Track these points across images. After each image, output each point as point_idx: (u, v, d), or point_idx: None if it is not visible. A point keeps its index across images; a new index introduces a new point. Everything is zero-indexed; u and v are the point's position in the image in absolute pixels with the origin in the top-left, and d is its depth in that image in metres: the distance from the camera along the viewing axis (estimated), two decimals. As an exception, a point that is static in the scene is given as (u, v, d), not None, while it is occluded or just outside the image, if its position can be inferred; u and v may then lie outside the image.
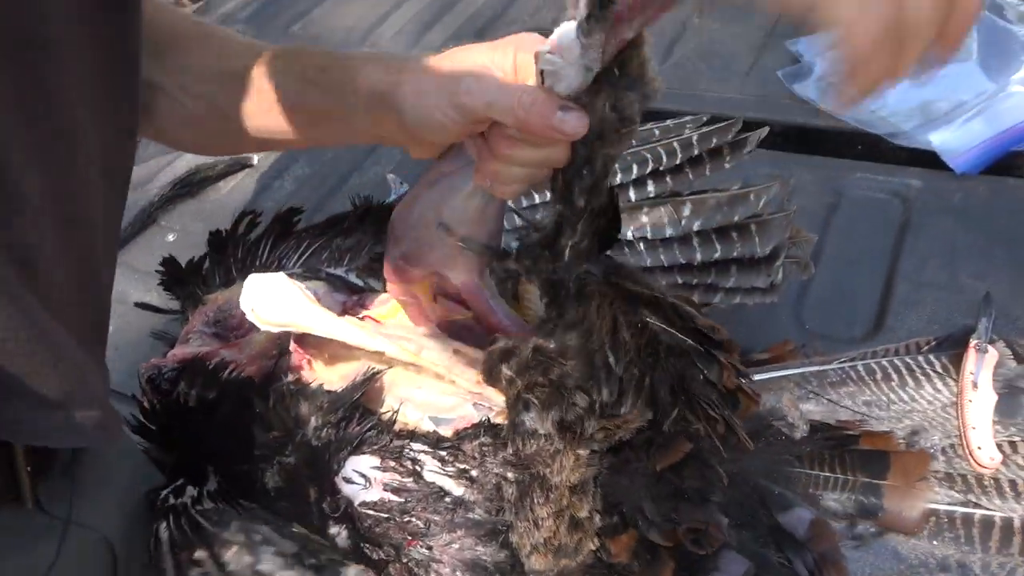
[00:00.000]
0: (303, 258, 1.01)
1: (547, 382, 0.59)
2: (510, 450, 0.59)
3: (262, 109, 0.68)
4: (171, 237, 1.32)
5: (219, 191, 1.42)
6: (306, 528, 0.65)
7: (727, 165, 0.87)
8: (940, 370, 0.84)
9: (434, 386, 0.72)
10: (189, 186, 1.43)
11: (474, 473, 0.59)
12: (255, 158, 1.46)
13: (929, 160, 1.14)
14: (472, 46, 0.61)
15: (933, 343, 0.87)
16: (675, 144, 0.91)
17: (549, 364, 0.60)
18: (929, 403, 0.83)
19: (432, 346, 0.74)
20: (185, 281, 0.95)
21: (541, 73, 0.55)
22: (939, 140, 1.15)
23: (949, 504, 0.74)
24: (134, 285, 1.19)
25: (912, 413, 0.83)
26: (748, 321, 0.89)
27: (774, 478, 0.74)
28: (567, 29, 0.53)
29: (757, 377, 0.83)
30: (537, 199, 0.93)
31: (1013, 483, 0.75)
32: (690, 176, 0.90)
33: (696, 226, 0.86)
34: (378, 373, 0.69)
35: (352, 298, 0.93)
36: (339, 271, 0.99)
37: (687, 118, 0.96)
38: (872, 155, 1.19)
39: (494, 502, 0.59)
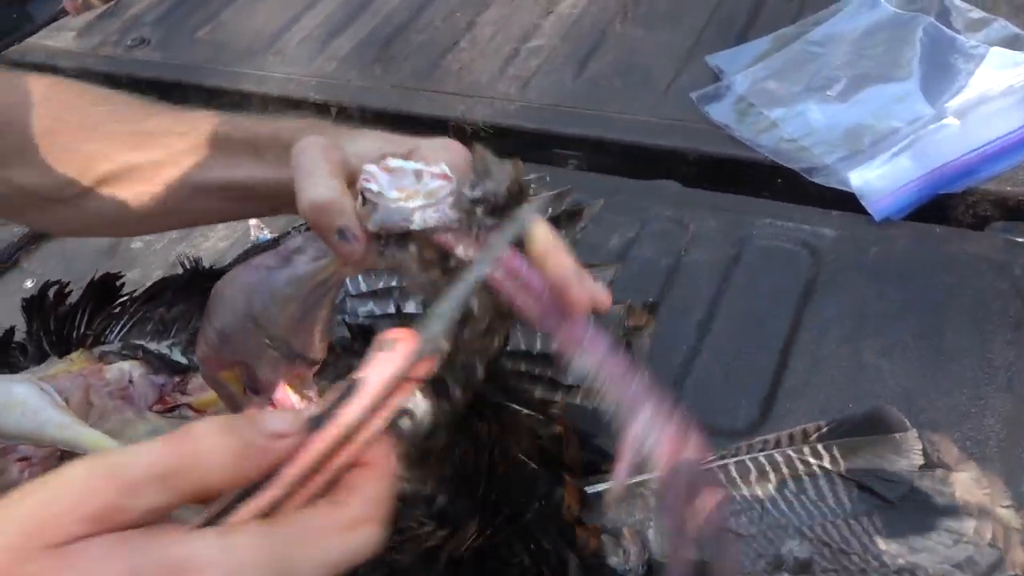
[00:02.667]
0: (124, 330, 0.90)
1: None
2: None
3: (192, 193, 0.65)
4: (29, 283, 1.21)
5: (90, 226, 1.30)
6: None
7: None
8: (828, 464, 0.73)
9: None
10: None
11: None
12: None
13: (846, 202, 1.01)
14: (385, 135, 0.54)
15: (824, 429, 0.75)
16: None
17: None
18: (813, 509, 0.72)
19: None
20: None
21: (362, 192, 0.45)
22: (860, 180, 1.01)
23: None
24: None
25: (788, 527, 0.72)
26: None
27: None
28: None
29: (609, 484, 0.72)
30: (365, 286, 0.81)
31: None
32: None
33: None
34: None
35: (173, 380, 0.83)
36: (163, 347, 0.89)
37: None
38: (787, 193, 1.06)
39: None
